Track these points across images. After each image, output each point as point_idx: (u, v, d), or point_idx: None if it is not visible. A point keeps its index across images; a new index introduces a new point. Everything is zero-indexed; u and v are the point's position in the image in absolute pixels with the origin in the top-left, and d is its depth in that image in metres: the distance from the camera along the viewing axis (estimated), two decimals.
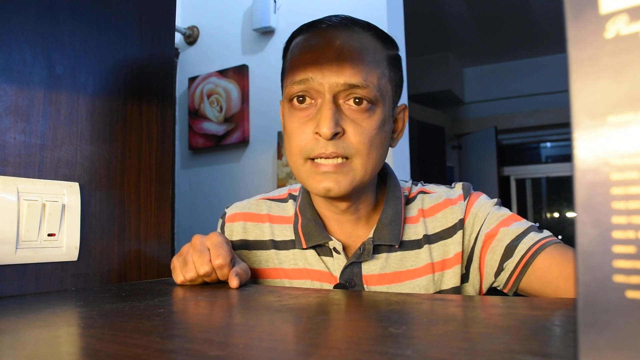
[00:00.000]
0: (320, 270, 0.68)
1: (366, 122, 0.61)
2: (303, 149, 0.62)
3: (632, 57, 0.16)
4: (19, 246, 0.56)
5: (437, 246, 0.69)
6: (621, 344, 0.16)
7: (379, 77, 0.62)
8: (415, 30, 3.77)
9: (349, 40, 0.62)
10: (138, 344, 0.31)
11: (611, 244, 0.16)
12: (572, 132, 0.17)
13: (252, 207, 0.76)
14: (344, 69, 0.60)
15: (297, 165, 0.64)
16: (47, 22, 0.61)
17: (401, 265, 0.68)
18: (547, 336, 0.31)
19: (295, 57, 0.64)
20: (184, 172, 2.41)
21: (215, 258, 0.58)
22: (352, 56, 0.61)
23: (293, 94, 0.63)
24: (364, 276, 0.66)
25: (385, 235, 0.67)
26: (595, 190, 0.17)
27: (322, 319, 0.39)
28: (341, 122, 0.61)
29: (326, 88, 0.60)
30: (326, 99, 0.61)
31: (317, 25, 0.65)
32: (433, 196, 0.73)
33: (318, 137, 0.60)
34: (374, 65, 0.62)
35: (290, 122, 0.64)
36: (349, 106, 0.61)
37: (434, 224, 0.70)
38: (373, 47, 0.64)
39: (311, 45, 0.63)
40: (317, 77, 0.61)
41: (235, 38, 2.26)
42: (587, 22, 0.17)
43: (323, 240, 0.68)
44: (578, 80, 0.17)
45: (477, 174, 4.97)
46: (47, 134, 0.61)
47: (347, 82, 0.60)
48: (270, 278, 0.72)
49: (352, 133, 0.61)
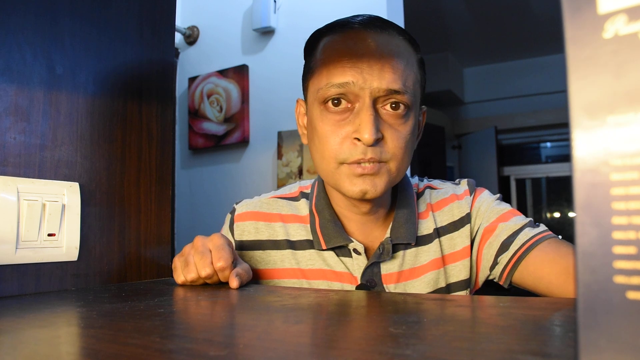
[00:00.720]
0: (340, 271, 0.68)
1: (402, 127, 0.61)
2: (338, 154, 0.61)
3: (631, 56, 0.16)
4: (19, 246, 0.56)
5: (446, 239, 0.70)
6: (622, 346, 0.16)
7: (414, 82, 0.63)
8: (415, 30, 3.76)
9: (388, 44, 0.61)
10: (138, 344, 0.31)
11: (611, 245, 0.16)
12: (571, 132, 0.17)
13: (263, 206, 0.75)
14: (385, 73, 0.59)
15: (330, 169, 0.63)
16: (47, 22, 0.61)
17: (416, 261, 0.68)
18: (547, 336, 0.31)
19: (331, 58, 0.62)
20: (184, 172, 2.41)
21: (217, 260, 0.58)
22: (393, 60, 0.60)
23: (329, 97, 0.62)
24: (383, 275, 0.67)
25: (403, 234, 0.68)
26: (595, 190, 0.17)
27: (322, 319, 0.39)
28: (380, 127, 0.60)
29: (367, 93, 0.59)
30: (366, 104, 0.60)
31: (351, 25, 0.63)
32: (440, 191, 0.74)
33: (356, 142, 0.60)
34: (410, 70, 0.62)
35: (323, 124, 0.63)
36: (387, 111, 0.61)
37: (441, 217, 0.72)
38: (408, 51, 0.64)
39: (349, 46, 0.61)
40: (358, 81, 0.59)
41: (235, 38, 2.26)
42: (585, 21, 0.17)
43: (343, 241, 0.67)
44: (576, 80, 0.17)
45: (477, 174, 4.97)
46: (47, 134, 0.61)
47: (389, 87, 0.59)
48: (288, 278, 0.71)
49: (390, 138, 0.60)
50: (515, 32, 4.20)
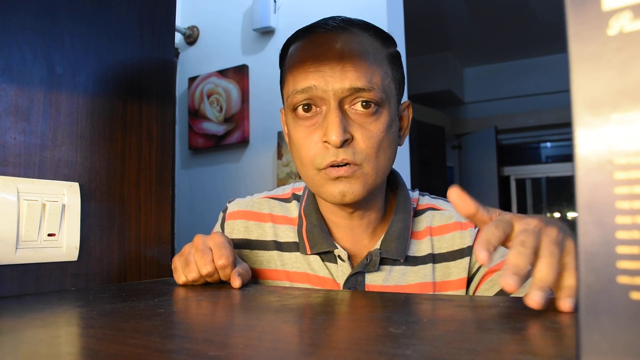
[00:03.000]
0: (323, 276, 0.68)
1: (373, 126, 0.60)
2: (314, 160, 0.61)
3: (636, 54, 0.15)
4: (19, 246, 0.56)
5: (441, 266, 0.68)
6: (625, 348, 0.16)
7: (382, 77, 0.61)
8: (415, 30, 3.77)
9: (349, 43, 0.61)
10: (138, 344, 0.31)
11: (615, 245, 0.16)
12: (574, 129, 0.17)
13: (255, 205, 0.75)
14: (347, 73, 0.59)
15: (310, 175, 0.63)
16: (47, 22, 0.61)
17: (403, 279, 0.67)
18: (548, 336, 0.31)
19: (295, 65, 0.63)
20: (184, 172, 2.41)
21: (218, 258, 0.58)
22: (354, 59, 0.60)
23: (296, 103, 0.62)
24: (367, 285, 0.66)
25: (393, 249, 0.66)
26: (598, 189, 0.17)
27: (322, 319, 0.39)
28: (349, 127, 0.59)
29: (331, 95, 0.59)
30: (332, 106, 0.59)
31: (314, 30, 0.64)
32: (444, 214, 0.71)
33: (327, 145, 0.59)
34: (376, 66, 0.61)
35: (296, 132, 0.63)
36: (355, 110, 0.60)
37: (440, 244, 0.69)
38: (374, 47, 0.63)
39: (310, 51, 0.62)
40: (320, 85, 0.59)
41: (235, 38, 2.26)
42: (589, 18, 0.16)
43: (328, 247, 0.67)
44: (580, 77, 0.17)
45: (477, 174, 4.97)
46: (47, 134, 0.60)
47: (352, 86, 0.59)
48: (272, 279, 0.71)
49: (361, 138, 0.60)
50: (515, 32, 4.20)
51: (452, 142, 5.44)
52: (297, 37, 0.66)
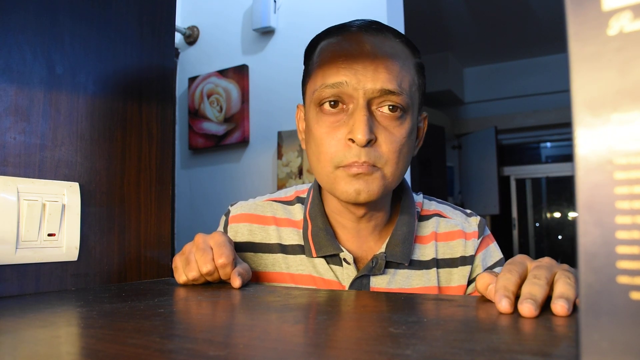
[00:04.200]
0: (329, 279, 0.68)
1: (397, 130, 0.61)
2: (334, 157, 0.60)
3: (636, 54, 0.15)
4: (19, 246, 0.56)
5: (444, 272, 0.70)
6: (625, 348, 0.16)
7: (410, 84, 0.62)
8: (415, 30, 3.76)
9: (383, 46, 0.61)
10: (138, 344, 0.31)
11: (615, 245, 0.16)
12: (574, 129, 0.17)
13: (258, 208, 0.75)
14: (379, 74, 0.59)
15: (326, 172, 0.62)
16: (47, 22, 0.61)
17: (407, 282, 0.67)
18: (548, 336, 0.31)
19: (327, 60, 0.62)
20: (184, 172, 2.41)
21: (218, 257, 0.58)
22: (387, 62, 0.60)
23: (324, 98, 0.62)
24: (372, 288, 0.66)
25: (398, 253, 0.66)
26: (598, 189, 0.17)
27: (322, 319, 0.39)
28: (374, 129, 0.59)
29: (361, 93, 0.59)
30: (360, 105, 0.59)
31: (348, 29, 0.64)
32: (450, 222, 0.72)
33: (350, 143, 0.59)
34: (406, 72, 0.62)
35: (318, 127, 0.63)
36: (382, 113, 0.60)
37: (444, 250, 0.70)
38: (404, 54, 0.63)
39: (344, 48, 0.61)
40: (351, 82, 0.59)
41: (235, 38, 2.26)
42: (589, 18, 0.16)
43: (334, 251, 0.67)
44: (580, 77, 0.17)
45: (477, 174, 4.97)
46: (47, 134, 0.60)
47: (383, 87, 0.59)
48: (277, 282, 0.71)
49: (384, 141, 0.60)
50: (515, 32, 4.21)
51: (452, 142, 5.44)
52: (330, 33, 0.66)
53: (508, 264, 0.44)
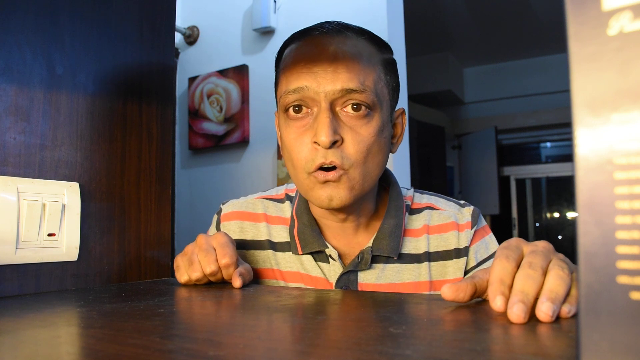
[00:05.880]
0: (316, 276, 0.68)
1: (364, 129, 0.60)
2: (305, 163, 0.60)
3: (636, 54, 0.15)
4: (19, 246, 0.56)
5: (437, 265, 0.68)
6: (624, 348, 0.16)
7: (375, 81, 0.61)
8: (415, 31, 3.77)
9: (343, 46, 0.61)
10: (138, 344, 0.31)
11: (615, 245, 0.16)
12: (574, 129, 0.17)
13: (249, 206, 0.75)
14: (339, 74, 0.59)
15: (300, 178, 0.62)
16: (47, 22, 0.61)
17: (397, 277, 0.67)
18: (548, 337, 0.31)
19: (288, 66, 0.62)
20: (184, 172, 2.41)
21: (221, 257, 0.58)
22: (347, 61, 0.59)
23: (288, 104, 0.62)
24: (360, 284, 0.66)
25: (385, 247, 0.66)
26: (598, 189, 0.17)
27: (322, 319, 0.39)
28: (339, 130, 0.59)
29: (322, 96, 0.59)
30: (322, 107, 0.59)
31: (309, 33, 0.64)
32: (442, 214, 0.71)
33: (317, 146, 0.59)
34: (369, 69, 0.61)
35: (287, 133, 0.63)
36: (347, 113, 0.60)
37: (437, 242, 0.69)
38: (368, 51, 0.62)
39: (303, 52, 0.62)
40: (312, 85, 0.59)
41: (235, 38, 2.26)
42: (589, 18, 0.16)
43: (319, 247, 0.67)
44: (580, 76, 0.17)
45: (477, 174, 4.97)
46: (47, 134, 0.60)
47: (343, 87, 0.58)
48: (267, 278, 0.72)
49: (351, 142, 0.59)
50: (515, 32, 4.20)
51: (452, 142, 5.44)
52: (293, 39, 0.66)
53: (503, 249, 0.42)
